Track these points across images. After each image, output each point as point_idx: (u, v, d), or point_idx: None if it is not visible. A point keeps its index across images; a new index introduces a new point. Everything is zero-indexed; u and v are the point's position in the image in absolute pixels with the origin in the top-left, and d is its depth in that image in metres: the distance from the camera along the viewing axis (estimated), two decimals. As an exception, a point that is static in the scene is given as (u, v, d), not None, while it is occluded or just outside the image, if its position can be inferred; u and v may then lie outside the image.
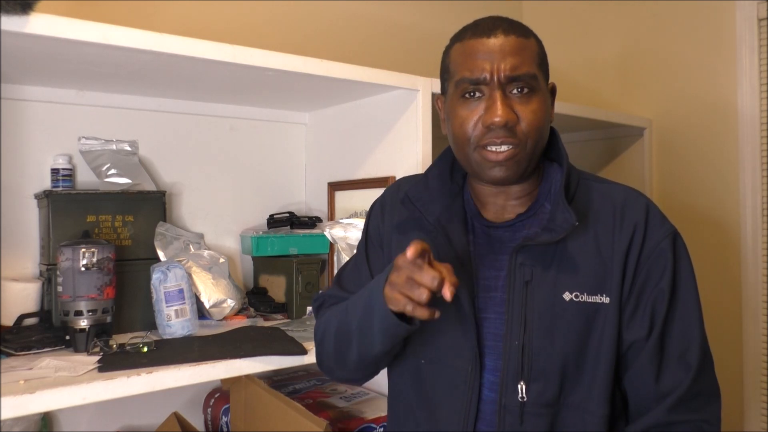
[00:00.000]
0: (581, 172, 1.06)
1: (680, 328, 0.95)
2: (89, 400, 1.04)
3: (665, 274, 0.95)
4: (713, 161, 2.21)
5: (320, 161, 1.95)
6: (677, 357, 0.94)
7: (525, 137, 0.94)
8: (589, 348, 0.94)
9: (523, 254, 0.96)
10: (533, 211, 1.01)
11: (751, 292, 2.11)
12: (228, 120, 1.84)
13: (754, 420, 2.11)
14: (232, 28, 1.86)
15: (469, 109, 0.96)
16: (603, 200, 1.00)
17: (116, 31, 1.12)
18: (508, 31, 0.95)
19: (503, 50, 0.93)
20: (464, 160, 1.01)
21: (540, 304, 0.94)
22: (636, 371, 0.95)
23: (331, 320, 1.06)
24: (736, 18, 2.13)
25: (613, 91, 2.51)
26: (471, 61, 0.95)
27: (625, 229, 0.96)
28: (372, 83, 1.50)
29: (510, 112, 0.93)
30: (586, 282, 0.94)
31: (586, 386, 0.94)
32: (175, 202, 1.74)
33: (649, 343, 0.94)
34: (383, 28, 2.27)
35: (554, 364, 0.93)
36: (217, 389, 1.73)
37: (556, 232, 0.93)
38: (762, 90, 2.09)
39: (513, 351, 0.94)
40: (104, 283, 1.26)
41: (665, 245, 0.96)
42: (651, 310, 0.94)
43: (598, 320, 0.94)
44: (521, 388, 0.93)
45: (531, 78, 0.94)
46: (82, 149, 1.55)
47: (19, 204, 1.49)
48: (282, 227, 1.80)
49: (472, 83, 0.95)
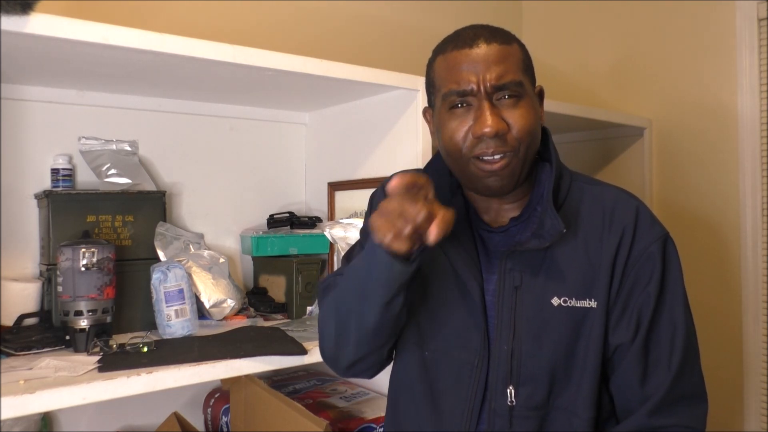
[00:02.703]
0: (573, 174, 1.05)
1: (665, 332, 0.94)
2: (89, 400, 1.04)
3: (653, 278, 0.95)
4: (713, 161, 2.21)
5: (320, 161, 1.94)
6: (660, 360, 0.94)
7: (517, 143, 0.94)
8: (577, 352, 0.94)
9: (512, 259, 0.96)
10: (526, 215, 1.01)
11: (751, 292, 2.10)
12: (228, 120, 1.84)
13: (754, 420, 2.10)
14: (232, 28, 1.86)
15: (458, 121, 0.95)
16: (593, 203, 0.99)
17: (116, 31, 1.12)
18: (489, 39, 0.95)
19: (487, 60, 0.93)
20: (459, 173, 1.00)
21: (528, 309, 0.94)
22: (621, 374, 0.95)
23: (331, 295, 1.03)
24: (736, 18, 2.13)
25: (612, 91, 2.51)
26: (456, 74, 0.95)
27: (613, 232, 0.96)
28: (372, 83, 1.50)
29: (500, 121, 0.92)
30: (574, 287, 0.94)
31: (573, 389, 0.94)
32: (175, 202, 1.74)
33: (634, 347, 0.93)
34: (383, 28, 2.27)
35: (543, 368, 0.93)
36: (217, 389, 1.73)
37: (545, 238, 0.93)
38: (762, 90, 2.09)
39: (502, 355, 0.94)
40: (104, 283, 1.26)
41: (654, 249, 0.95)
42: (637, 314, 0.94)
43: (586, 325, 0.94)
44: (510, 392, 0.93)
45: (517, 85, 0.94)
46: (82, 149, 1.55)
47: (19, 204, 1.49)
48: (282, 227, 1.80)
49: (459, 95, 0.94)
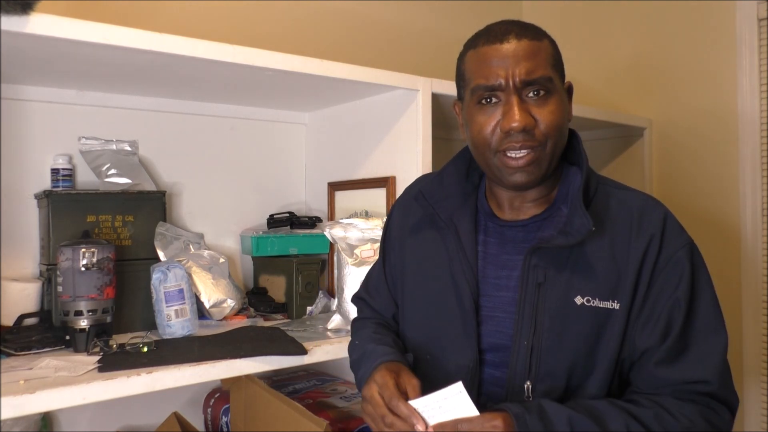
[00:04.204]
0: (600, 177, 1.06)
1: (701, 339, 0.94)
2: (89, 400, 1.04)
3: (681, 283, 0.94)
4: (713, 161, 2.21)
5: (320, 161, 1.94)
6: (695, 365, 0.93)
7: (544, 138, 0.94)
8: (596, 352, 0.94)
9: (537, 256, 0.96)
10: (549, 213, 1.01)
11: (751, 292, 2.11)
12: (228, 120, 1.84)
13: (754, 420, 2.11)
14: (232, 28, 1.86)
15: (486, 115, 0.97)
16: (621, 207, 0.99)
17: (116, 31, 1.12)
18: (520, 35, 0.95)
19: (517, 55, 0.94)
20: (485, 166, 1.01)
21: (551, 307, 0.94)
22: (649, 378, 0.94)
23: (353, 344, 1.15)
24: (736, 18, 2.13)
25: (612, 92, 2.51)
26: (485, 68, 0.95)
27: (641, 237, 0.96)
28: (372, 83, 1.50)
29: (527, 117, 0.93)
30: (598, 287, 0.94)
31: (588, 388, 0.94)
32: (175, 202, 1.74)
33: (663, 349, 0.92)
34: (384, 28, 2.27)
35: (562, 366, 0.94)
36: (217, 389, 1.73)
37: (573, 236, 0.94)
38: (762, 90, 2.09)
39: (521, 351, 0.95)
40: (104, 283, 1.26)
41: (681, 255, 0.95)
42: (666, 319, 0.93)
43: (608, 326, 0.94)
44: (527, 388, 0.94)
45: (546, 81, 0.95)
46: (82, 149, 1.55)
47: (19, 204, 1.49)
48: (282, 227, 1.80)
49: (487, 90, 0.95)
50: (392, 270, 1.17)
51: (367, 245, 1.48)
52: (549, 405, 0.87)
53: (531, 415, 0.84)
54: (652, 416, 0.87)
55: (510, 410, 0.85)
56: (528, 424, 0.83)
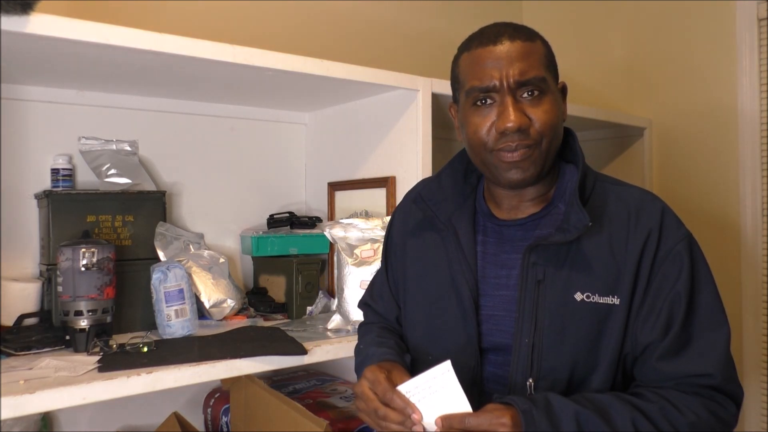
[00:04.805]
0: (598, 174, 1.06)
1: (703, 332, 0.94)
2: (89, 400, 1.04)
3: (681, 276, 0.94)
4: (713, 161, 2.21)
5: (320, 161, 1.95)
6: (698, 357, 0.93)
7: (539, 137, 0.95)
8: (598, 348, 0.94)
9: (536, 254, 0.96)
10: (546, 212, 1.02)
11: (751, 292, 2.11)
12: (228, 120, 1.84)
13: (754, 420, 2.11)
14: (232, 28, 1.86)
15: (482, 116, 0.97)
16: (618, 203, 1.00)
17: (116, 31, 1.12)
18: (513, 36, 0.96)
19: (510, 56, 0.95)
20: (482, 165, 1.02)
21: (551, 304, 0.95)
22: (652, 372, 0.94)
23: (358, 348, 1.16)
24: (736, 18, 2.13)
25: (612, 91, 2.51)
26: (479, 70, 0.96)
27: (639, 232, 0.96)
28: (372, 83, 1.50)
29: (522, 117, 0.94)
30: (597, 283, 0.95)
31: (591, 384, 0.95)
32: (175, 202, 1.74)
33: (665, 343, 0.93)
34: (384, 28, 2.27)
35: (564, 362, 0.94)
36: (217, 389, 1.73)
37: (570, 232, 0.94)
38: (762, 90, 2.09)
39: (523, 349, 0.95)
40: (104, 283, 1.26)
41: (680, 248, 0.96)
42: (668, 312, 0.93)
43: (609, 321, 0.94)
44: (530, 385, 0.94)
45: (540, 81, 0.95)
46: (82, 149, 1.55)
47: (19, 204, 1.49)
48: (282, 227, 1.80)
49: (482, 91, 0.96)
50: (394, 273, 1.18)
51: (367, 245, 1.48)
52: (555, 399, 0.87)
53: (538, 410, 0.84)
54: (658, 410, 0.88)
55: (517, 405, 0.85)
56: (535, 419, 0.83)
